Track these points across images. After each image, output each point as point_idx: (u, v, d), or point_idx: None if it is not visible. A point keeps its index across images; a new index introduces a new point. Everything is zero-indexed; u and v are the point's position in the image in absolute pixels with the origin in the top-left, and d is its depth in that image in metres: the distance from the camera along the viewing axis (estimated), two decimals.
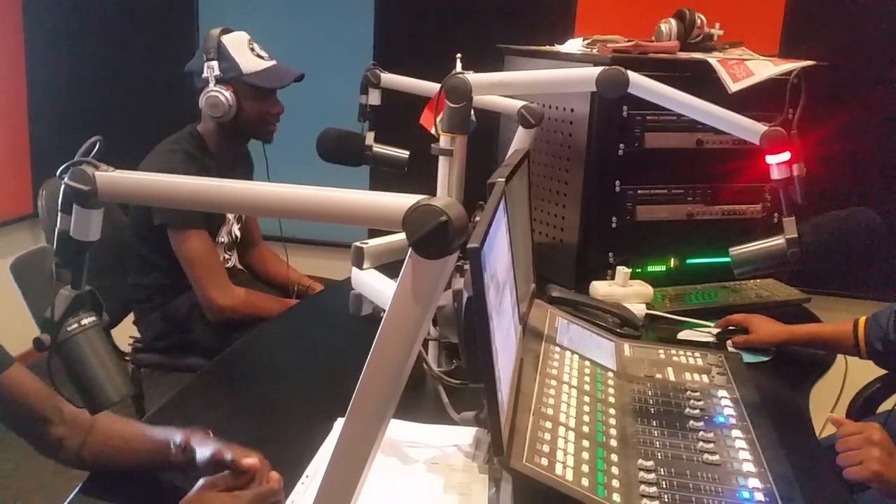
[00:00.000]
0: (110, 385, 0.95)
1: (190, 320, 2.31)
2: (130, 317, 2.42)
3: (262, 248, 2.66)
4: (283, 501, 1.15)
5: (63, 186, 0.87)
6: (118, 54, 3.42)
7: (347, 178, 2.00)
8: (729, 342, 1.83)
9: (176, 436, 1.21)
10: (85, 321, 0.94)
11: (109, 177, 0.86)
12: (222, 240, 2.40)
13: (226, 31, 2.22)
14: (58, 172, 0.87)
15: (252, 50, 2.23)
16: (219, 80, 2.16)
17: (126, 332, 2.42)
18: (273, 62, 2.26)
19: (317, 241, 3.16)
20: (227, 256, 2.46)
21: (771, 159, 1.59)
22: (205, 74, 2.16)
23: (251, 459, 1.14)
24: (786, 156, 1.58)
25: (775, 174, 1.60)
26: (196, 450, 1.18)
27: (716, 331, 1.91)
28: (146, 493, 1.23)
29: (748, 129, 1.61)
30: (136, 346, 2.44)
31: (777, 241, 1.56)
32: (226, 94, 2.15)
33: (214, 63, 2.16)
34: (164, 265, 2.28)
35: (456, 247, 0.73)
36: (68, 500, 1.19)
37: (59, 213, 0.90)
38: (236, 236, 2.48)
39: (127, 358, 2.38)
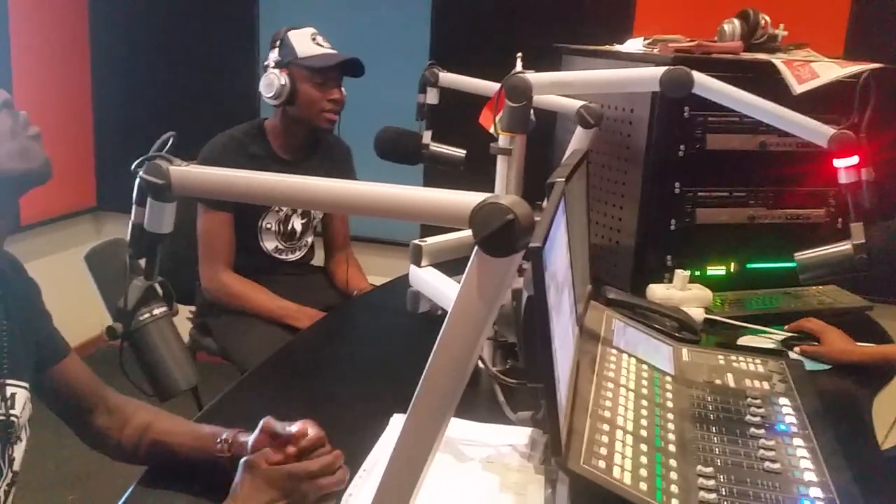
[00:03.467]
0: (179, 373, 0.97)
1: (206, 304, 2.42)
2: None
3: (342, 254, 2.64)
4: (346, 471, 1.17)
5: (138, 180, 0.89)
6: (180, 55, 3.50)
7: (402, 176, 2.01)
8: (797, 349, 1.79)
9: (221, 432, 1.22)
10: (156, 311, 0.97)
11: (183, 171, 0.88)
12: (269, 226, 2.42)
13: (292, 28, 2.31)
14: (132, 166, 0.90)
15: (314, 40, 2.30)
16: (277, 65, 2.26)
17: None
18: (332, 50, 2.32)
19: (368, 237, 3.18)
20: (281, 247, 2.47)
21: (839, 163, 1.56)
22: (266, 62, 2.28)
23: (304, 426, 1.16)
24: (854, 159, 1.54)
25: (843, 178, 1.57)
26: (242, 442, 1.19)
27: (779, 337, 1.87)
28: (203, 484, 1.22)
29: (816, 131, 1.58)
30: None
31: (844, 247, 1.53)
32: (279, 75, 2.24)
33: (276, 50, 2.27)
34: None
35: (522, 245, 0.73)
36: (128, 493, 1.20)
37: (134, 206, 0.93)
38: (295, 230, 2.49)
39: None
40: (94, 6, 3.58)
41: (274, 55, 2.27)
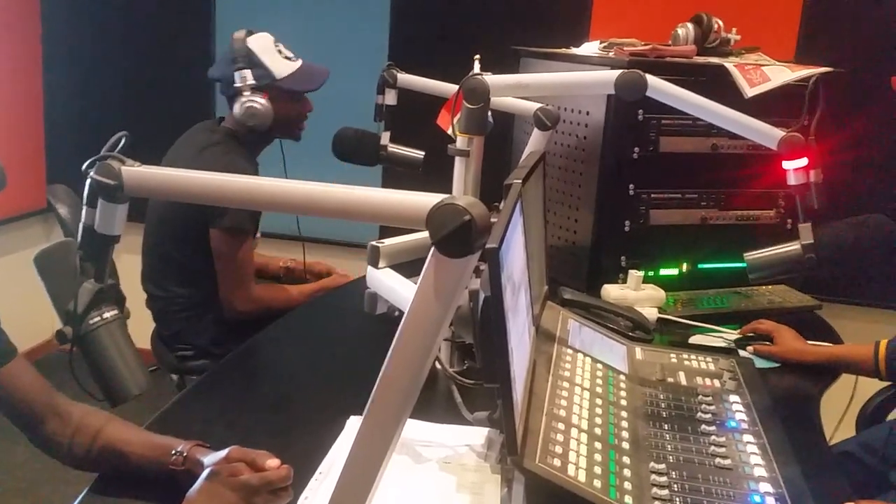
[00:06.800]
0: (131, 378, 0.96)
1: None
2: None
3: None
4: (290, 493, 1.16)
5: (89, 180, 0.88)
6: (133, 54, 3.44)
7: (360, 177, 2.01)
8: (750, 348, 1.83)
9: (177, 444, 1.20)
10: (107, 314, 0.95)
11: (136, 172, 0.87)
12: (258, 235, 2.41)
13: (250, 32, 2.20)
14: (83, 167, 0.88)
15: (280, 52, 2.22)
16: (254, 89, 2.15)
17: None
18: (300, 62, 2.26)
19: (328, 240, 3.17)
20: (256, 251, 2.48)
21: (788, 165, 1.60)
22: (237, 84, 2.14)
23: (275, 460, 1.15)
24: (803, 161, 1.58)
25: (792, 180, 1.60)
26: (198, 459, 1.17)
27: (731, 336, 1.90)
28: (156, 490, 1.21)
29: (766, 134, 1.61)
30: (184, 356, 2.36)
31: (793, 247, 1.56)
32: (262, 102, 2.15)
33: (248, 72, 2.15)
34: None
35: (479, 246, 0.74)
36: (78, 499, 1.18)
37: (85, 207, 0.91)
38: None
39: (173, 375, 2.37)
40: (46, 4, 3.50)
41: (248, 77, 2.14)
